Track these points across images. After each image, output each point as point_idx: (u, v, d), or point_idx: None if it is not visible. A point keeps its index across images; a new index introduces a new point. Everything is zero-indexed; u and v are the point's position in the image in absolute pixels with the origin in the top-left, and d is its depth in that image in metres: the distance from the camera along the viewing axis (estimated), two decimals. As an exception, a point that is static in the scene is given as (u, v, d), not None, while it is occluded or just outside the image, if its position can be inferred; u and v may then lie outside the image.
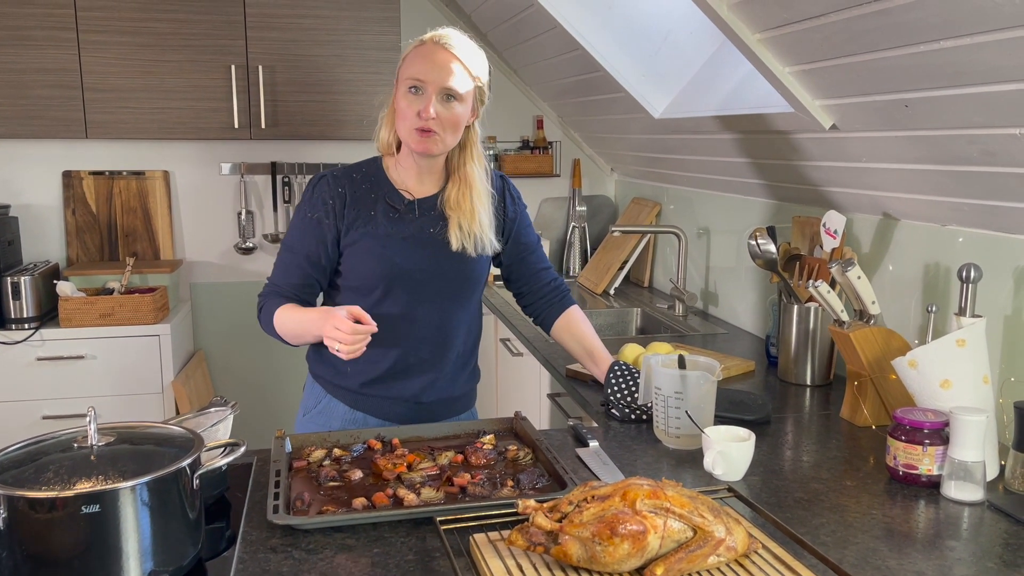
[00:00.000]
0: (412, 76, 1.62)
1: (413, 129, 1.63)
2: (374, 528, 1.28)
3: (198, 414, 1.44)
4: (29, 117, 3.05)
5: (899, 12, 1.37)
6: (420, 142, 1.64)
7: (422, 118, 1.61)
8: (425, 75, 1.61)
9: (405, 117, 1.64)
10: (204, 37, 3.13)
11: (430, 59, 1.62)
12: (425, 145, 1.65)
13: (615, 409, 1.78)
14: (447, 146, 1.68)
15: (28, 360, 3.03)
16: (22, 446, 1.16)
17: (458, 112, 1.64)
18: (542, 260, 1.91)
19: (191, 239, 3.58)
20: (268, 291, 1.75)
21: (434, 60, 1.62)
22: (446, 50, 1.62)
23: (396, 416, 1.77)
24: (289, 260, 1.73)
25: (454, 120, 1.64)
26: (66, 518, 1.04)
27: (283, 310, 1.68)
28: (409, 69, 1.64)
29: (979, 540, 1.28)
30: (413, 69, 1.63)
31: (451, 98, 1.63)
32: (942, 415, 1.45)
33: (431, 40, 1.64)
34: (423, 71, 1.61)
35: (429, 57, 1.62)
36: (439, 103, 1.62)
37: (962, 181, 1.67)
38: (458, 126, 1.66)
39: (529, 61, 3.41)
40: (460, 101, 1.64)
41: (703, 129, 2.52)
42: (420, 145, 1.65)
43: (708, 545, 1.09)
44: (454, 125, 1.65)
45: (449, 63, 1.62)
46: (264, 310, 1.72)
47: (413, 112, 1.63)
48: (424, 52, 1.63)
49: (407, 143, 1.68)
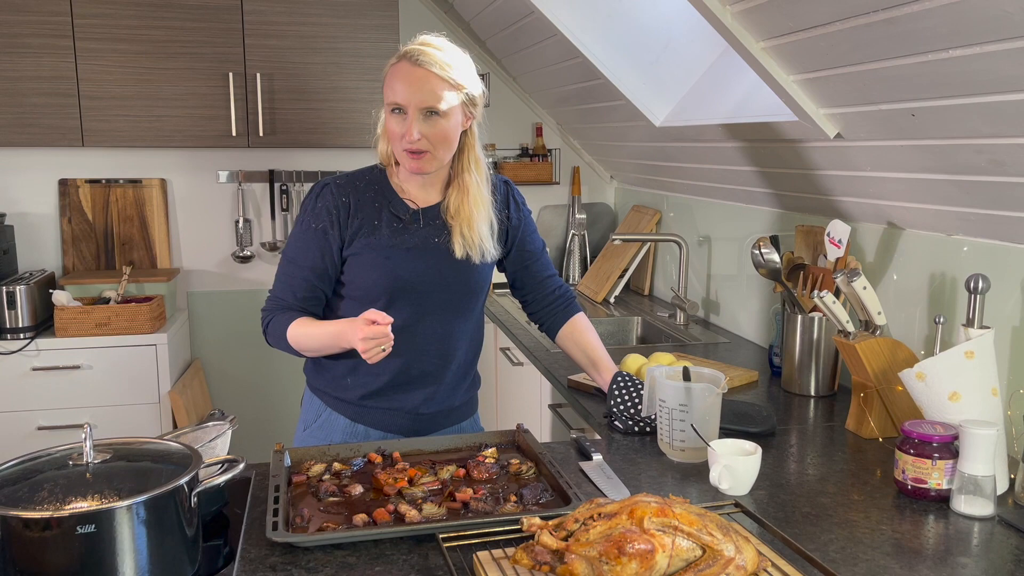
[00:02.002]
0: (392, 100, 1.60)
1: (403, 150, 1.62)
2: (375, 545, 1.25)
3: (196, 428, 1.42)
4: (25, 125, 3.02)
5: (907, 21, 1.35)
6: (412, 163, 1.63)
7: (408, 140, 1.59)
8: (403, 98, 1.58)
9: (394, 138, 1.63)
10: (202, 45, 3.12)
11: (406, 80, 1.58)
12: (417, 165, 1.63)
13: (618, 421, 1.76)
14: (441, 161, 1.65)
15: (23, 370, 3.00)
16: (17, 463, 1.14)
17: (444, 127, 1.61)
18: (547, 267, 1.89)
19: (188, 248, 3.56)
20: (273, 306, 1.71)
21: (410, 80, 1.58)
22: (421, 67, 1.57)
23: (397, 428, 1.74)
24: (293, 273, 1.69)
25: (442, 136, 1.61)
26: (61, 538, 1.02)
27: (297, 325, 1.65)
28: (389, 92, 1.61)
29: (990, 556, 1.26)
30: (392, 92, 1.60)
31: (433, 114, 1.59)
32: (951, 428, 1.44)
33: (406, 57, 1.59)
34: (400, 93, 1.58)
35: (405, 78, 1.58)
36: (422, 122, 1.59)
37: (969, 190, 1.66)
38: (448, 140, 1.63)
39: (529, 69, 3.39)
40: (444, 116, 1.60)
41: (704, 137, 2.51)
42: (412, 165, 1.63)
43: (717, 564, 1.07)
44: (443, 140, 1.62)
45: (426, 81, 1.57)
46: (272, 325, 1.68)
47: (399, 134, 1.61)
48: (400, 72, 1.59)
49: (401, 163, 1.66)
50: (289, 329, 1.65)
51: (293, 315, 1.67)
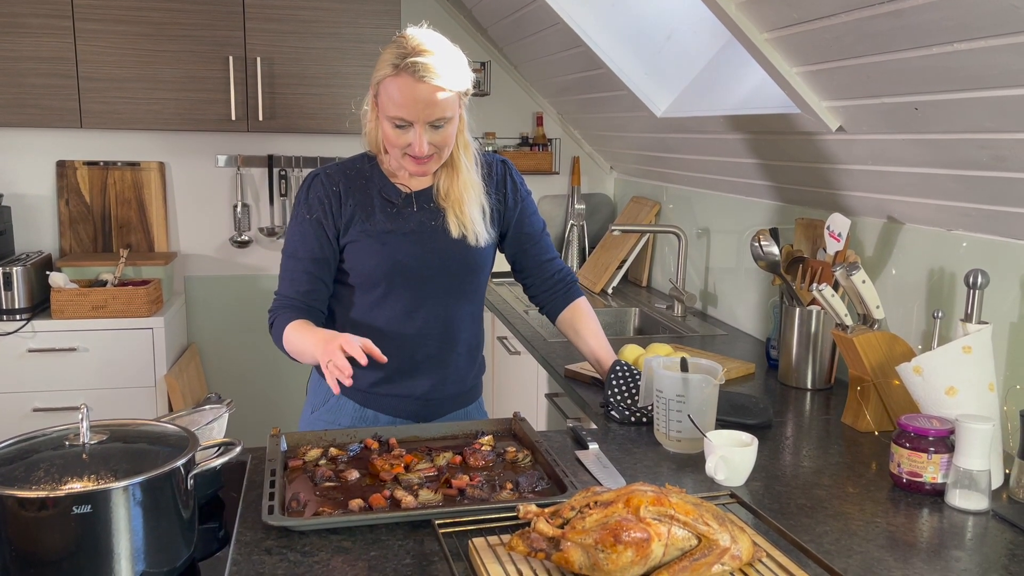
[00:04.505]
0: (395, 115, 1.53)
1: (406, 156, 1.59)
2: (371, 530, 1.25)
3: (192, 411, 1.41)
4: (23, 106, 3.01)
5: (912, 14, 1.35)
6: (417, 167, 1.61)
7: (417, 152, 1.56)
8: (409, 115, 1.53)
9: (395, 145, 1.58)
10: (202, 28, 3.10)
11: (411, 97, 1.51)
12: (423, 169, 1.62)
13: (615, 411, 1.76)
14: (443, 159, 1.64)
15: (19, 352, 3.00)
16: (13, 443, 1.13)
17: (449, 131, 1.58)
18: (547, 250, 1.86)
19: (186, 231, 3.55)
20: (278, 304, 1.68)
21: (415, 98, 1.51)
22: (425, 83, 1.50)
23: (407, 412, 1.74)
24: (294, 267, 1.67)
25: (447, 139, 1.59)
26: (57, 518, 1.02)
27: (290, 329, 1.61)
28: (390, 105, 1.53)
29: (984, 550, 1.26)
30: (394, 107, 1.53)
31: (440, 124, 1.56)
32: (947, 423, 1.44)
33: (408, 70, 1.50)
34: (406, 111, 1.52)
35: (409, 95, 1.51)
36: (429, 132, 1.56)
37: (970, 185, 1.66)
38: (451, 140, 1.61)
39: (530, 57, 3.38)
40: (448, 122, 1.57)
41: (706, 129, 2.50)
42: (418, 170, 1.62)
43: (712, 554, 1.07)
44: (448, 142, 1.60)
45: (432, 97, 1.51)
46: (276, 326, 1.65)
47: (403, 143, 1.57)
48: (403, 88, 1.51)
49: (401, 166, 1.64)
50: (284, 333, 1.61)
51: (292, 316, 1.63)
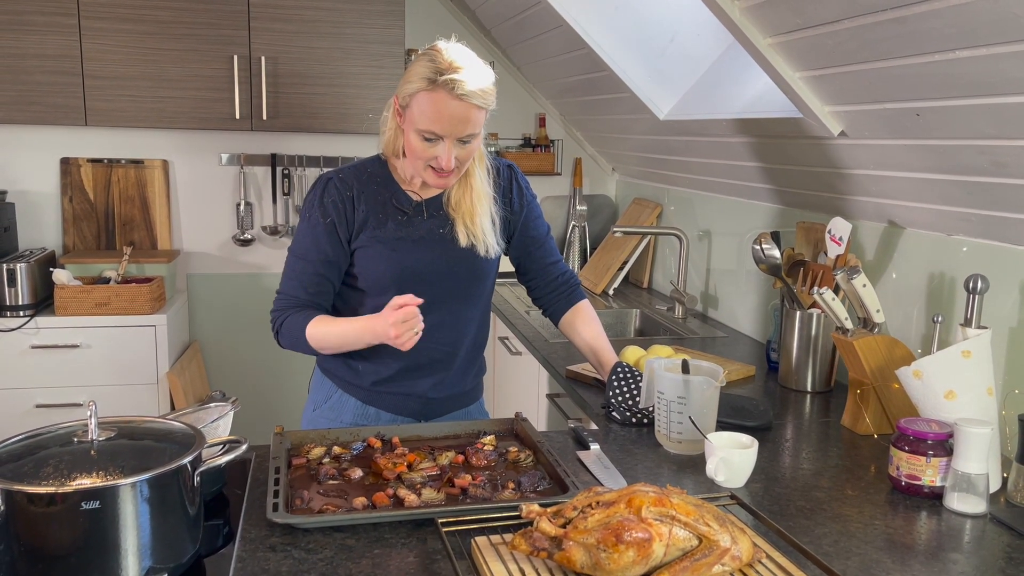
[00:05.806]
0: (427, 129, 1.54)
1: (429, 167, 1.60)
2: (374, 528, 1.27)
3: (198, 409, 1.42)
4: (28, 103, 3.02)
5: (915, 21, 1.36)
6: (439, 180, 1.62)
7: (443, 165, 1.57)
8: (442, 130, 1.54)
9: (420, 157, 1.59)
10: (207, 26, 3.11)
11: (446, 113, 1.52)
12: (445, 182, 1.63)
13: (616, 412, 1.77)
14: (463, 172, 1.66)
15: (22, 348, 3.01)
16: (21, 439, 1.15)
17: (474, 146, 1.61)
18: (551, 253, 1.88)
19: (189, 229, 3.56)
20: (283, 304, 1.68)
21: (452, 115, 1.53)
22: (462, 101, 1.52)
23: (408, 411, 1.76)
24: (304, 269, 1.67)
25: (470, 153, 1.61)
26: (65, 513, 1.03)
27: (317, 323, 1.62)
28: (421, 118, 1.54)
29: (981, 553, 1.27)
30: (426, 121, 1.53)
31: (468, 140, 1.58)
32: (946, 426, 1.45)
33: (445, 87, 1.51)
34: (439, 126, 1.53)
35: (443, 110, 1.52)
36: (456, 147, 1.57)
37: (970, 191, 1.67)
38: (473, 154, 1.63)
39: (533, 59, 3.39)
40: (476, 137, 1.59)
41: (708, 131, 2.51)
42: (440, 183, 1.63)
43: (713, 554, 1.08)
44: (471, 156, 1.63)
45: (467, 113, 1.53)
46: (286, 326, 1.65)
47: (429, 156, 1.58)
48: (440, 103, 1.52)
49: (422, 177, 1.64)
50: (308, 328, 1.62)
51: (310, 313, 1.64)
